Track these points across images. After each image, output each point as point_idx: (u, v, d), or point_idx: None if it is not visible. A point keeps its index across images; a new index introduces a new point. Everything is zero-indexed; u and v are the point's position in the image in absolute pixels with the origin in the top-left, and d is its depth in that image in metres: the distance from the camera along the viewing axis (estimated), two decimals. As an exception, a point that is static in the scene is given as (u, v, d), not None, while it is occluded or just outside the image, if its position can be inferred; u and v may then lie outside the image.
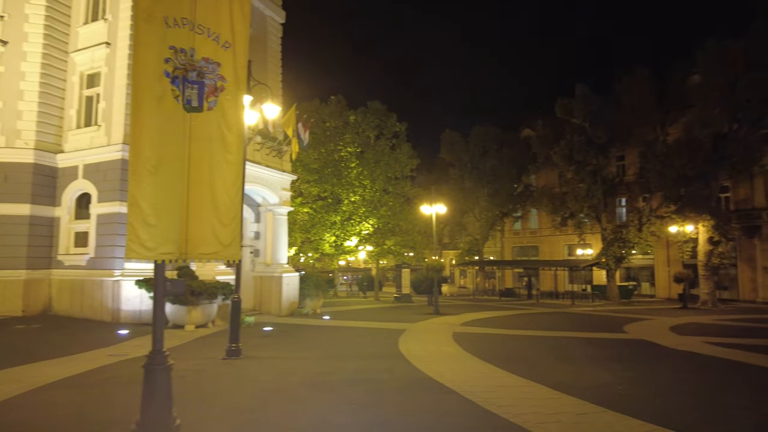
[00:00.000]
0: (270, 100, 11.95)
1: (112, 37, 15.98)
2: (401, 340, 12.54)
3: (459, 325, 16.46)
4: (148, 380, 4.16)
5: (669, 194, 29.00)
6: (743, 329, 16.88)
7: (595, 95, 31.19)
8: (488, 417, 6.04)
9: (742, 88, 25.76)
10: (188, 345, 11.22)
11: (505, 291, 39.47)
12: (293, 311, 18.81)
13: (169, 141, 4.28)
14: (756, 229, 31.47)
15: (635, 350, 12.17)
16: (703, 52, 27.16)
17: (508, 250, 47.18)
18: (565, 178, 35.03)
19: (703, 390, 7.88)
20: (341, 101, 29.86)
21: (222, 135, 4.71)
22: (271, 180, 19.20)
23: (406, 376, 8.37)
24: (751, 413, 6.54)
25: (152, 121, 4.17)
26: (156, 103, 4.18)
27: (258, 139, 17.90)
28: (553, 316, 21.84)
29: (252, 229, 19.74)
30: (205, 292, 13.76)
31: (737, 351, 11.59)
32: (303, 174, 27.17)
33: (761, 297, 30.87)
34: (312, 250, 29.69)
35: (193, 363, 9.03)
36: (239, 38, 4.94)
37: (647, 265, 37.50)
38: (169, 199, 4.24)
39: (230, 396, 6.91)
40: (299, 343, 12.06)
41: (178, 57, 4.35)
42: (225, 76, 4.77)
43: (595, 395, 6.99)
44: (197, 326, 13.75)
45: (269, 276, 19.08)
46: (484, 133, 40.61)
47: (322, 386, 7.48)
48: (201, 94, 4.56)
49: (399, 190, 30.83)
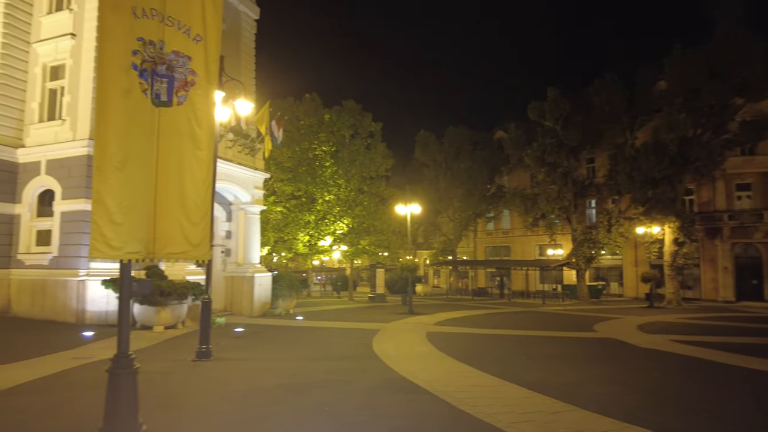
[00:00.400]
0: (243, 97, 11.72)
1: (78, 28, 15.42)
2: (375, 340, 12.49)
3: (433, 325, 16.51)
4: (112, 385, 4.00)
5: (637, 196, 29.76)
6: (706, 327, 17.45)
7: (567, 98, 31.79)
8: (462, 417, 6.04)
9: (705, 94, 26.65)
10: (157, 347, 10.93)
11: (478, 290, 39.87)
12: (265, 312, 18.55)
13: (136, 136, 4.12)
14: (717, 231, 32.61)
15: (605, 349, 12.42)
16: (669, 59, 27.99)
17: (481, 250, 47.68)
18: (537, 180, 35.59)
19: (670, 388, 8.08)
20: (316, 99, 29.62)
21: (192, 131, 4.57)
22: (243, 178, 18.89)
23: (380, 376, 8.32)
24: (715, 410, 6.72)
25: (119, 115, 4.00)
26: (123, 96, 4.02)
27: (230, 136, 17.58)
28: (524, 315, 22.14)
29: (223, 228, 19.39)
30: (175, 292, 13.44)
31: (701, 349, 11.96)
32: (276, 172, 26.86)
33: (722, 296, 32.01)
34: (285, 249, 29.39)
35: (161, 365, 8.78)
36: (211, 32, 4.80)
37: (616, 265, 38.42)
38: (135, 196, 4.09)
39: (200, 399, 6.74)
40: (271, 345, 11.89)
41: (146, 49, 4.19)
42: (196, 71, 4.63)
43: (567, 394, 7.08)
44: (166, 327, 13.41)
45: (241, 276, 18.77)
46: (458, 134, 40.93)
47: (295, 388, 7.37)
48: (170, 89, 4.41)
49: (374, 189, 30.78)
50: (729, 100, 27.01)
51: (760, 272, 32.48)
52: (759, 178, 32.90)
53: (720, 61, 26.42)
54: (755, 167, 32.56)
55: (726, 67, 26.26)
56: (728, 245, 32.62)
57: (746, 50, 25.98)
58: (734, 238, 32.46)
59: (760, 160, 32.32)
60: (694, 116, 27.70)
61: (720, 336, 14.83)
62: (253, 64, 20.63)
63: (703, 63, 26.64)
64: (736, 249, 32.92)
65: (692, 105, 27.29)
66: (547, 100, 31.93)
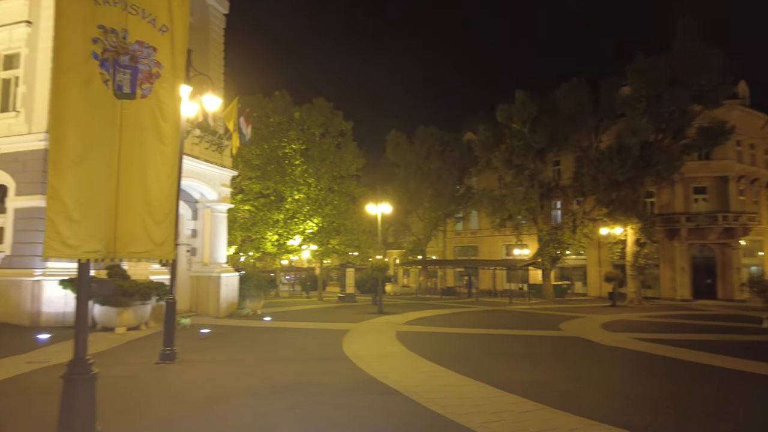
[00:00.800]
0: (211, 92, 11.42)
1: (35, 15, 14.72)
2: (345, 340, 12.38)
3: (402, 324, 16.51)
4: (67, 391, 3.77)
5: (601, 198, 30.54)
6: (666, 325, 18.04)
7: (534, 102, 32.36)
8: (433, 418, 6.01)
9: (666, 101, 27.59)
10: (118, 349, 10.54)
11: (447, 290, 40.19)
12: (232, 313, 18.18)
13: (96, 129, 3.90)
14: (676, 232, 33.82)
15: (571, 347, 12.67)
16: (632, 66, 28.85)
17: (450, 250, 48.08)
18: (505, 181, 36.10)
19: (634, 385, 8.28)
20: (286, 97, 29.20)
21: (157, 125, 4.38)
22: (210, 175, 18.45)
23: (350, 377, 8.23)
24: (678, 405, 6.91)
25: (77, 107, 3.78)
26: (82, 86, 3.80)
27: (197, 132, 17.12)
28: (492, 314, 22.42)
29: (189, 226, 18.90)
30: (138, 292, 13.01)
31: (663, 346, 12.34)
32: (244, 170, 26.36)
33: (679, 295, 33.22)
34: (253, 249, 28.89)
35: (123, 368, 8.46)
36: (178, 23, 4.62)
37: (580, 265, 39.36)
38: (95, 192, 3.87)
39: (164, 404, 6.50)
40: (238, 346, 11.63)
41: (108, 38, 3.98)
42: (161, 62, 4.44)
43: (536, 393, 7.15)
44: (129, 329, 12.97)
45: (207, 276, 18.33)
46: (428, 135, 41.13)
47: (263, 391, 7.20)
48: (134, 80, 4.21)
49: (344, 189, 30.57)
50: (687, 107, 28.04)
51: (713, 272, 33.89)
52: (714, 182, 34.29)
53: (679, 70, 27.40)
54: (711, 172, 33.92)
55: (685, 76, 27.26)
56: (685, 246, 33.87)
57: (703, 60, 27.06)
58: (691, 239, 33.73)
59: (715, 165, 33.68)
60: (656, 121, 28.63)
61: (679, 333, 15.36)
62: (222, 59, 20.17)
63: (664, 70, 27.56)
64: (693, 250, 34.22)
65: (654, 110, 28.21)
66: (515, 103, 32.44)
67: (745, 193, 35.29)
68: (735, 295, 32.30)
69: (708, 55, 27.11)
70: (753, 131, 36.48)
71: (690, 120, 28.46)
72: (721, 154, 32.96)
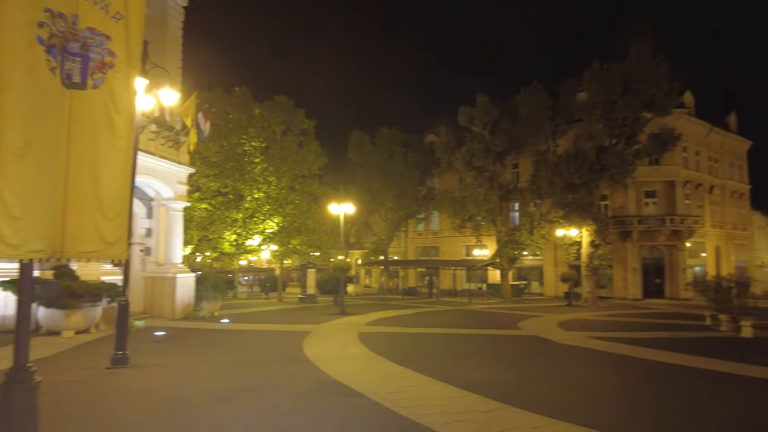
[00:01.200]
0: (168, 86, 11.02)
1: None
2: (306, 342, 12.20)
3: (364, 325, 16.43)
4: (5, 402, 3.49)
5: (557, 200, 31.40)
6: (619, 324, 18.69)
7: (495, 105, 32.96)
8: (396, 419, 5.97)
9: (620, 107, 28.66)
10: (66, 354, 10.01)
11: (408, 290, 40.40)
12: (188, 314, 17.61)
13: (41, 120, 3.64)
14: (628, 234, 35.20)
15: (530, 346, 12.91)
16: (589, 72, 29.82)
17: (411, 250, 48.37)
18: (465, 183, 36.62)
19: (590, 383, 8.49)
20: (246, 93, 28.56)
21: (109, 118, 4.14)
22: (165, 172, 17.82)
23: (312, 380, 8.09)
24: (633, 402, 7.13)
25: (19, 95, 3.50)
26: (25, 73, 3.53)
27: (153, 127, 16.52)
28: (453, 313, 22.65)
29: (143, 225, 18.19)
30: (88, 293, 12.42)
31: (615, 344, 12.77)
32: (202, 167, 25.61)
33: (631, 294, 34.59)
34: (210, 249, 28.10)
35: (71, 374, 8.03)
36: (133, 11, 4.39)
37: (537, 265, 40.38)
38: (39, 187, 3.61)
39: (115, 411, 6.18)
40: (194, 349, 11.26)
41: (55, 22, 3.72)
42: (115, 52, 4.21)
43: (497, 392, 7.23)
44: (77, 332, 12.37)
45: (162, 276, 17.70)
46: (390, 136, 41.23)
47: (221, 395, 6.96)
48: (85, 69, 3.96)
49: (306, 188, 30.18)
50: (639, 114, 29.22)
51: (662, 272, 35.49)
52: (663, 187, 35.92)
53: (632, 78, 28.54)
54: (660, 176, 35.49)
55: (637, 84, 28.42)
56: (637, 247, 35.30)
57: (653, 69, 28.29)
58: (642, 240, 35.19)
59: (664, 170, 35.26)
60: (610, 127, 29.68)
61: (631, 332, 15.94)
62: (180, 53, 19.52)
63: (618, 78, 28.62)
64: (644, 251, 35.71)
65: (608, 116, 29.23)
66: (477, 106, 32.95)
67: (690, 197, 37.13)
68: (681, 294, 33.96)
69: (658, 65, 28.37)
70: (698, 139, 38.47)
71: (642, 126, 29.66)
72: (669, 159, 34.53)
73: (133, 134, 5.07)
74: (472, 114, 33.10)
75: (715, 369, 9.75)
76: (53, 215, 3.72)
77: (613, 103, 28.68)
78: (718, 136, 40.61)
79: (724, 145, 41.95)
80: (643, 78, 28.28)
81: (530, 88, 31.95)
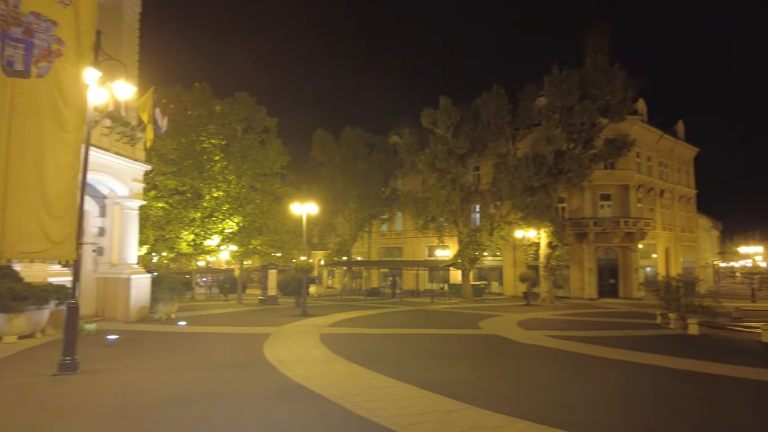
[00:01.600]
0: (123, 79, 10.51)
1: None
2: (266, 345, 11.95)
3: (327, 327, 16.26)
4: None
5: (517, 203, 32.07)
6: (575, 323, 19.22)
7: (458, 108, 33.36)
8: (359, 422, 5.89)
9: (577, 113, 29.54)
10: (8, 360, 9.43)
11: (371, 290, 40.31)
12: (143, 317, 16.98)
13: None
14: (584, 236, 36.30)
15: (491, 345, 13.09)
16: (549, 77, 30.60)
17: (375, 251, 48.34)
18: (428, 185, 36.91)
19: (549, 381, 8.66)
20: (206, 89, 27.81)
21: (57, 109, 3.91)
22: (120, 169, 17.13)
23: (272, 384, 7.92)
24: (590, 400, 7.31)
25: (-45, 82, 3.25)
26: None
27: (107, 122, 15.85)
28: (415, 313, 22.74)
29: (95, 224, 17.41)
30: (33, 296, 11.77)
31: (572, 342, 13.12)
32: (159, 165, 24.78)
33: (587, 294, 35.68)
34: (167, 249, 27.20)
35: (13, 382, 7.57)
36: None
37: (496, 265, 41.11)
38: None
39: (62, 421, 5.84)
40: (149, 353, 10.84)
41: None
42: (63, 40, 3.98)
43: (459, 391, 7.26)
44: (21, 337, 11.71)
45: (115, 277, 17.00)
46: (354, 136, 41.10)
47: (178, 402, 6.70)
48: (28, 56, 3.72)
49: (267, 187, 29.65)
50: (595, 120, 30.21)
51: (616, 273, 36.78)
52: (617, 190, 37.23)
53: (589, 84, 29.49)
54: (615, 180, 36.78)
55: (593, 90, 29.38)
56: (592, 249, 36.45)
57: (609, 77, 29.31)
58: (597, 242, 36.36)
59: (618, 174, 36.57)
60: (568, 132, 30.55)
61: (587, 330, 16.41)
62: (137, 45, 18.79)
63: (576, 84, 29.50)
64: (599, 252, 36.90)
65: (567, 121, 30.07)
66: (439, 109, 33.27)
67: (642, 200, 38.65)
68: (634, 294, 35.31)
69: (613, 72, 29.41)
70: (650, 145, 40.11)
71: (598, 132, 30.66)
72: (623, 164, 35.85)
73: (84, 128, 4.80)
74: (435, 116, 33.40)
75: (655, 363, 10.15)
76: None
77: (571, 109, 29.52)
78: (668, 142, 42.48)
79: (674, 152, 43.93)
80: (599, 85, 29.25)
81: (491, 92, 32.53)
